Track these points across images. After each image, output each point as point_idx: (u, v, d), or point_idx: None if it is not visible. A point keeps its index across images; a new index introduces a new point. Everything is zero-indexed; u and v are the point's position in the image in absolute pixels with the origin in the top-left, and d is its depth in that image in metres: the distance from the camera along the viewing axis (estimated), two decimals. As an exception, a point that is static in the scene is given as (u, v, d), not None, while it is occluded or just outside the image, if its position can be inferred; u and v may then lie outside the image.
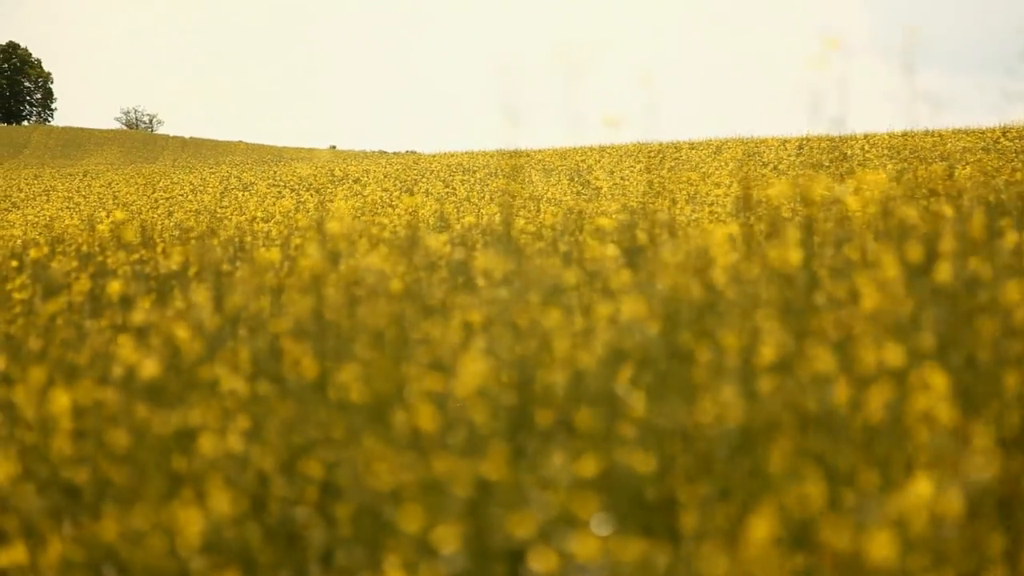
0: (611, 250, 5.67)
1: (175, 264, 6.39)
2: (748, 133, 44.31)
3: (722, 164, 35.77)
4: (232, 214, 25.78)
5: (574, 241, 9.33)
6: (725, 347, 3.54)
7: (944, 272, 3.61)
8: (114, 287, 6.03)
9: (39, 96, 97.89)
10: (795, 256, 4.10)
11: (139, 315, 4.87)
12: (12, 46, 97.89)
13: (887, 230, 5.05)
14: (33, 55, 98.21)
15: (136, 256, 8.78)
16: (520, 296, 4.20)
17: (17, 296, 7.46)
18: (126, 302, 6.70)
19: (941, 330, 3.42)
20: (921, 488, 2.62)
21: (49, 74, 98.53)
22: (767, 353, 3.33)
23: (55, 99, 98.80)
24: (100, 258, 9.34)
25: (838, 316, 3.62)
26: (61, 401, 3.41)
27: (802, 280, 3.87)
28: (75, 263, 8.95)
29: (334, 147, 75.73)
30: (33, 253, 8.72)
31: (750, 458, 3.20)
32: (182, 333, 4.29)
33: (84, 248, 10.66)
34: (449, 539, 2.80)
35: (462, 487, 2.90)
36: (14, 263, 9.46)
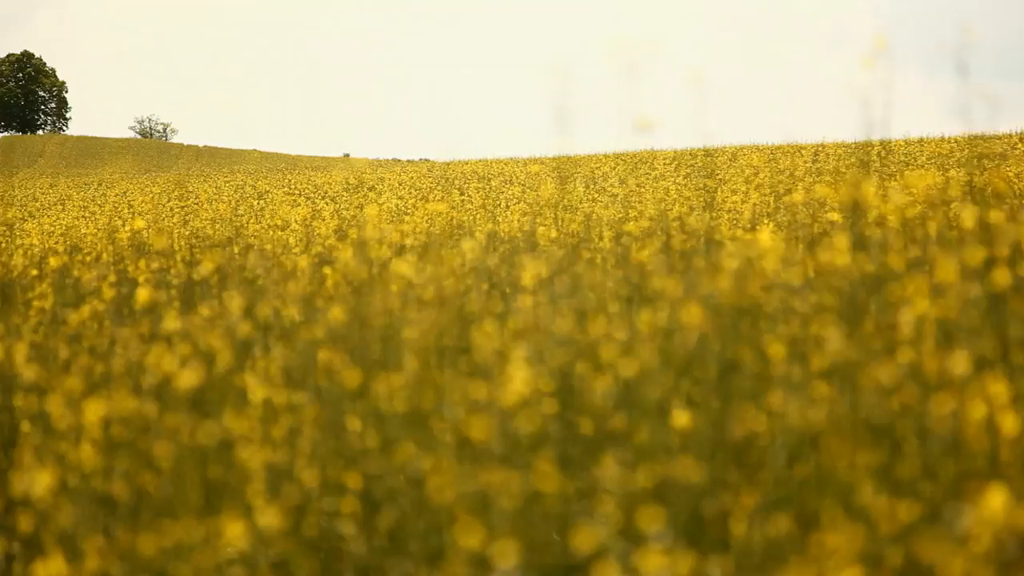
0: (646, 255, 5.58)
1: (205, 271, 6.30)
2: (764, 140, 44.17)
3: (738, 171, 35.64)
4: (248, 222, 25.72)
5: (595, 247, 9.23)
6: (776, 355, 3.45)
7: (1003, 277, 3.52)
8: (142, 295, 5.95)
9: (53, 105, 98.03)
10: (844, 260, 4.01)
11: (170, 323, 4.80)
12: (27, 55, 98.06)
13: (929, 234, 4.95)
14: (47, 64, 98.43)
15: (156, 264, 8.70)
16: (561, 302, 4.12)
17: (37, 304, 7.39)
18: (149, 310, 6.62)
19: (1003, 335, 3.32)
20: (993, 501, 2.52)
21: (64, 83, 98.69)
22: (822, 360, 3.24)
23: (70, 108, 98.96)
24: (120, 266, 9.25)
25: (892, 321, 3.53)
26: (95, 411, 3.33)
27: (854, 285, 3.78)
28: (95, 271, 8.87)
29: (347, 155, 75.76)
30: (53, 262, 8.62)
31: (807, 468, 3.11)
32: (215, 342, 4.21)
33: (104, 256, 10.59)
34: (506, 553, 2.71)
35: (514, 499, 2.81)
36: (34, 271, 9.40)
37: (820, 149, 40.44)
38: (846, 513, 2.75)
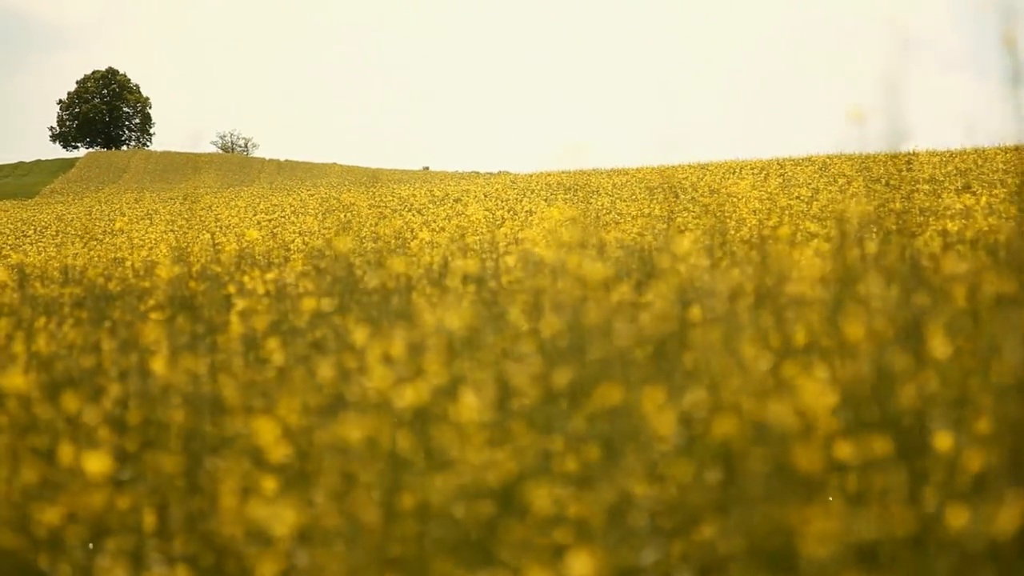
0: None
1: (375, 281, 5.89)
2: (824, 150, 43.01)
3: (831, 180, 34.96)
4: (334, 235, 25.45)
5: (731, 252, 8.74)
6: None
7: None
8: (308, 304, 5.56)
9: (138, 121, 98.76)
10: None
11: (359, 336, 4.39)
12: (111, 72, 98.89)
13: None
14: (132, 81, 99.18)
15: (271, 275, 8.33)
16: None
17: (154, 316, 7.01)
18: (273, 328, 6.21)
19: None
20: None
21: (147, 99, 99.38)
22: None
23: (153, 124, 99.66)
24: (237, 277, 8.89)
25: None
26: (354, 436, 2.89)
27: None
28: (204, 284, 8.51)
29: (427, 168, 75.69)
30: (163, 273, 8.21)
31: None
32: (430, 359, 3.80)
33: (214, 268, 10.25)
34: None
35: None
36: (145, 283, 9.04)
37: (913, 157, 39.53)
38: None
